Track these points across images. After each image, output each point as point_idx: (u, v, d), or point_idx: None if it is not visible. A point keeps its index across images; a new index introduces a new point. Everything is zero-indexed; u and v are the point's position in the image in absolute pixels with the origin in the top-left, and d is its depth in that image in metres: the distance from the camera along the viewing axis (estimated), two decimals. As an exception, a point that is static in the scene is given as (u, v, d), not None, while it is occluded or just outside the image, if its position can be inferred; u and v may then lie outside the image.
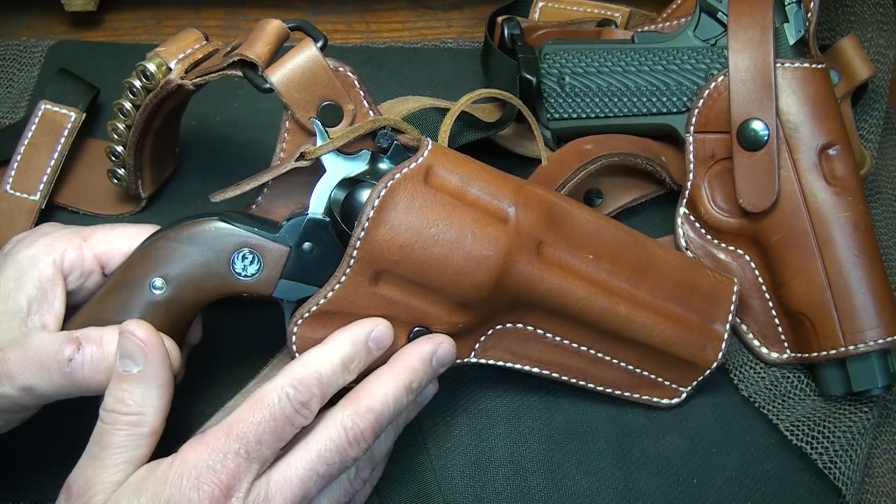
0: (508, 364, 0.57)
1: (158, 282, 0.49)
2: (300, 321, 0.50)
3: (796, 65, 0.61)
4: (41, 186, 0.64)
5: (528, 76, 0.65)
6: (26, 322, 0.48)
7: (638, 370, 0.59)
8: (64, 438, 0.56)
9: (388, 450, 0.54)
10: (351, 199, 0.51)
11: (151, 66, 0.55)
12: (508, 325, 0.56)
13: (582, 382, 0.59)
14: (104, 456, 0.45)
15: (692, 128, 0.64)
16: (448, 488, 0.58)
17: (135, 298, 0.49)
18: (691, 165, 0.64)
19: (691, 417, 0.61)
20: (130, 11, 0.78)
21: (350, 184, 0.51)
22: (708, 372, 0.59)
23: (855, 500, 0.58)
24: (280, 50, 0.54)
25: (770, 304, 0.63)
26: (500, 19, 0.70)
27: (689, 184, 0.65)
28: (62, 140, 0.65)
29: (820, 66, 0.61)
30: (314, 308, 0.50)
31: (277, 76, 0.52)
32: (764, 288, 0.63)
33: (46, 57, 0.74)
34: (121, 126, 0.59)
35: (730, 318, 0.59)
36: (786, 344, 0.63)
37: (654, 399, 0.60)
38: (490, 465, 0.59)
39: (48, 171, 0.64)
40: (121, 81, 0.57)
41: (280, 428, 0.46)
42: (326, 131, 0.52)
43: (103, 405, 0.46)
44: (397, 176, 0.50)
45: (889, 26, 0.70)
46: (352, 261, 0.49)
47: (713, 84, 0.62)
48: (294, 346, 0.51)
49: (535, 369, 0.57)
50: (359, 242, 0.49)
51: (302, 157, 0.51)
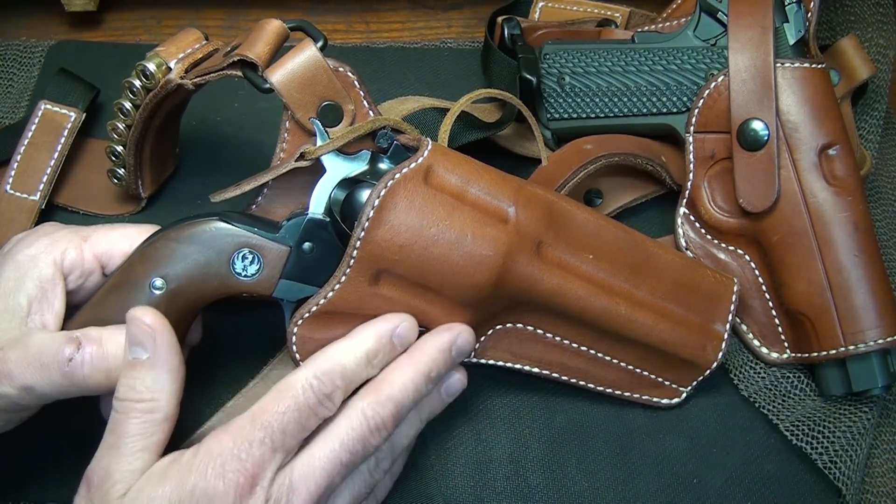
0: (508, 364, 0.57)
1: (158, 282, 0.49)
2: (300, 321, 0.50)
3: (796, 65, 0.61)
4: (41, 186, 0.64)
5: (528, 76, 0.65)
6: (26, 321, 0.48)
7: (638, 370, 0.59)
8: (64, 438, 0.56)
9: (409, 442, 0.54)
10: (351, 199, 0.51)
11: (151, 66, 0.56)
12: (508, 325, 0.56)
13: (582, 382, 0.59)
14: (121, 444, 0.45)
15: (692, 128, 0.64)
16: (448, 488, 0.58)
17: (135, 298, 0.49)
18: (691, 165, 0.64)
19: (691, 417, 0.61)
20: (130, 11, 0.78)
21: (350, 184, 0.51)
22: (708, 372, 0.59)
23: (855, 499, 0.58)
24: (280, 50, 0.54)
25: (770, 304, 0.63)
26: (500, 19, 0.70)
27: (689, 184, 0.65)
28: (62, 140, 0.65)
29: (820, 66, 0.61)
30: (314, 308, 0.50)
31: (277, 76, 0.52)
32: (764, 288, 0.63)
33: (46, 57, 0.74)
34: (121, 126, 0.59)
35: (730, 318, 0.59)
36: (786, 344, 0.63)
37: (655, 399, 0.60)
38: (490, 465, 0.59)
39: (48, 171, 0.64)
40: (121, 81, 0.57)
41: (304, 418, 0.46)
42: (326, 131, 0.52)
43: (116, 394, 0.46)
44: (397, 176, 0.50)
45: (889, 26, 0.70)
46: (352, 261, 0.49)
47: (713, 84, 0.62)
48: (294, 347, 0.51)
49: (535, 369, 0.57)
50: (359, 242, 0.49)
51: (302, 157, 0.51)
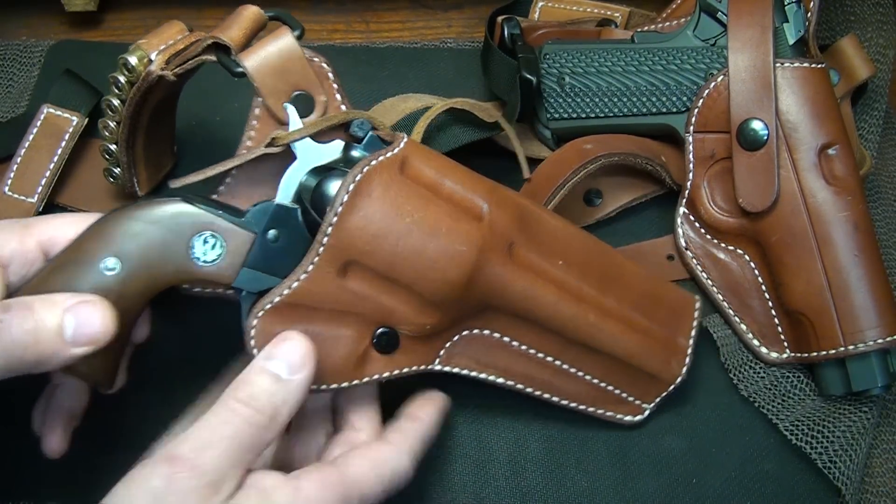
0: (473, 373, 0.55)
1: (111, 261, 0.45)
2: (261, 313, 0.47)
3: (796, 65, 0.61)
4: (39, 189, 0.63)
5: (528, 76, 0.65)
6: None
7: (602, 384, 0.58)
8: (64, 438, 0.56)
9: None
10: (322, 187, 0.49)
11: (133, 59, 0.54)
12: (475, 331, 0.54)
13: (546, 395, 0.57)
14: (216, 441, 0.43)
15: (692, 127, 0.64)
16: (448, 488, 0.58)
17: (83, 279, 0.45)
18: (691, 165, 0.64)
19: (691, 417, 0.61)
20: (130, 11, 0.78)
21: (321, 172, 0.50)
22: (672, 388, 0.59)
23: (854, 499, 0.58)
24: (255, 37, 0.52)
25: (770, 303, 0.63)
26: (500, 19, 0.70)
27: (688, 183, 0.65)
28: (63, 144, 0.64)
29: (820, 66, 0.61)
30: (277, 299, 0.47)
31: (251, 61, 0.50)
32: (763, 288, 0.63)
33: (46, 57, 0.74)
34: (111, 123, 0.58)
35: (693, 333, 0.59)
36: (785, 344, 0.63)
37: (618, 416, 0.59)
38: (490, 465, 0.59)
39: (47, 174, 0.64)
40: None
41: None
42: (300, 119, 0.51)
43: (235, 395, 0.45)
44: (374, 163, 0.48)
45: (889, 26, 0.70)
46: (321, 248, 0.47)
47: (713, 84, 0.62)
48: (252, 341, 0.47)
49: (500, 380, 0.55)
50: (330, 229, 0.47)
51: (272, 142, 0.49)
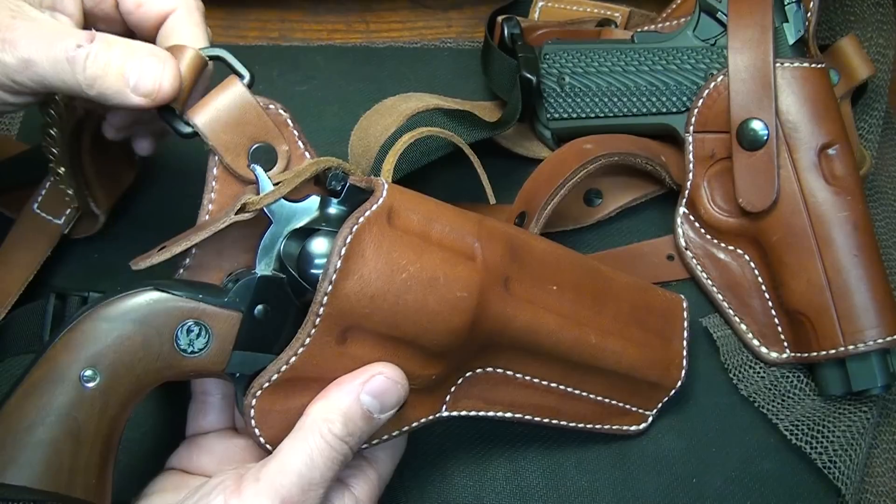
0: (481, 413, 0.53)
1: (89, 372, 0.42)
2: (259, 392, 0.45)
3: (796, 64, 0.61)
4: (68, 211, 0.60)
5: (528, 75, 0.65)
6: (39, 7, 0.46)
7: (607, 400, 0.57)
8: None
9: None
10: (308, 251, 0.46)
11: (57, 95, 0.50)
12: (479, 370, 0.52)
13: (554, 421, 0.56)
14: (318, 482, 0.44)
15: (692, 127, 0.64)
16: (448, 488, 0.58)
17: (62, 396, 0.41)
18: (691, 165, 0.64)
19: (690, 417, 0.61)
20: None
21: (302, 234, 0.46)
22: (673, 392, 0.59)
23: (854, 499, 0.58)
24: (200, 81, 0.48)
25: (769, 303, 0.63)
26: (499, 19, 0.70)
27: (688, 183, 0.65)
28: None
29: (819, 66, 0.61)
30: (275, 377, 0.45)
31: (202, 118, 0.46)
32: (763, 288, 0.63)
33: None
34: (54, 149, 0.54)
35: (685, 334, 0.59)
36: (785, 343, 0.63)
37: (624, 427, 0.59)
38: (490, 465, 0.59)
39: (50, 170, 0.62)
40: None
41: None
42: (268, 178, 0.46)
43: (333, 425, 0.44)
44: (361, 220, 0.45)
45: (889, 26, 0.69)
46: (317, 319, 0.44)
47: (713, 84, 0.62)
48: (253, 422, 0.45)
49: (508, 414, 0.54)
50: (325, 298, 0.44)
51: (244, 208, 0.45)
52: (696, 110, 0.63)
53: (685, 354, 0.59)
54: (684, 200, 0.65)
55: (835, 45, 0.69)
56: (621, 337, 0.56)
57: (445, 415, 0.52)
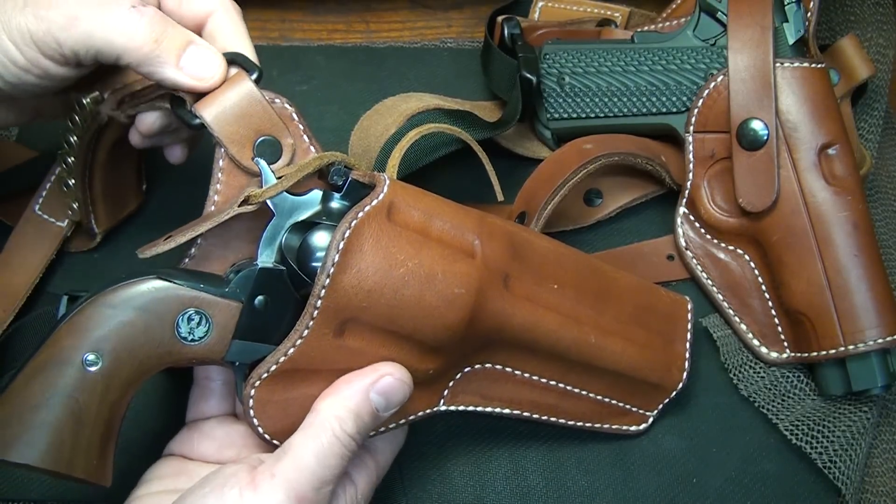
0: (479, 408, 0.53)
1: (92, 356, 0.43)
2: (258, 383, 0.46)
3: (796, 64, 0.61)
4: (70, 213, 0.60)
5: (528, 75, 0.65)
6: None
7: (607, 399, 0.57)
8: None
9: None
10: (308, 244, 0.47)
11: (85, 98, 0.51)
12: (477, 366, 0.53)
13: (553, 419, 0.56)
14: (329, 479, 0.44)
15: (692, 127, 0.64)
16: (448, 488, 0.58)
17: (65, 378, 0.43)
18: (691, 165, 0.64)
19: (691, 417, 0.61)
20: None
21: (303, 228, 0.47)
22: (674, 393, 0.59)
23: (854, 499, 0.58)
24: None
25: (770, 303, 0.63)
26: (500, 19, 0.70)
27: (688, 183, 0.65)
28: None
29: (819, 66, 0.61)
30: (273, 368, 0.46)
31: (209, 111, 0.47)
32: (763, 288, 0.63)
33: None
34: (69, 158, 0.55)
35: (688, 336, 0.59)
36: (785, 343, 0.63)
37: (624, 427, 0.59)
38: (490, 465, 0.59)
39: (59, 181, 0.60)
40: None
41: None
42: (272, 171, 0.47)
43: (344, 423, 0.44)
44: (360, 214, 0.46)
45: (889, 26, 0.69)
46: (315, 312, 0.45)
47: (713, 84, 0.62)
48: (252, 411, 0.46)
49: (507, 410, 0.54)
50: (323, 291, 0.45)
51: (247, 201, 0.46)
52: (696, 110, 0.63)
53: (687, 357, 0.59)
54: (684, 200, 0.65)
55: (835, 45, 0.69)
56: (622, 337, 0.56)
57: (443, 409, 0.52)
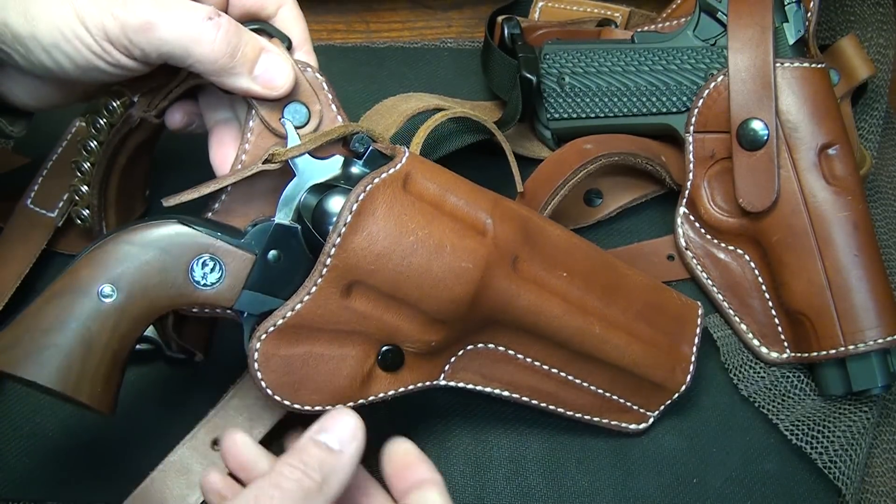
0: (478, 388, 0.54)
1: (107, 288, 0.45)
2: (264, 336, 0.47)
3: (796, 64, 0.61)
4: (60, 204, 0.62)
5: (528, 75, 0.65)
6: None
7: (608, 394, 0.58)
8: (64, 438, 0.56)
9: None
10: (323, 205, 0.48)
11: (115, 102, 0.52)
12: (480, 345, 0.53)
13: (552, 407, 0.57)
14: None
15: (692, 127, 0.64)
16: (448, 488, 0.58)
17: (80, 306, 0.44)
18: (691, 165, 0.64)
19: (691, 417, 0.61)
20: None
21: (322, 189, 0.48)
22: (676, 395, 0.59)
23: (855, 499, 0.58)
24: None
25: (770, 303, 0.63)
26: (500, 19, 0.70)
27: (688, 183, 0.65)
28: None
29: (820, 66, 0.61)
30: (280, 322, 0.47)
31: None
32: (764, 288, 0.63)
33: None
34: (85, 164, 0.55)
35: (696, 340, 0.59)
36: (785, 344, 0.63)
37: (623, 424, 0.59)
38: (490, 465, 0.59)
39: (71, 189, 0.60)
40: (86, 114, 0.54)
41: None
42: (298, 133, 0.49)
43: (288, 457, 0.42)
44: (376, 180, 0.47)
45: (889, 26, 0.70)
46: (324, 269, 0.46)
47: (713, 84, 0.62)
48: (256, 364, 0.47)
49: (506, 392, 0.55)
50: (333, 250, 0.46)
51: (270, 158, 0.48)
52: (696, 110, 0.63)
53: (693, 360, 0.59)
54: (684, 200, 0.65)
55: (835, 45, 0.69)
56: (627, 332, 0.56)
57: (443, 383, 0.53)
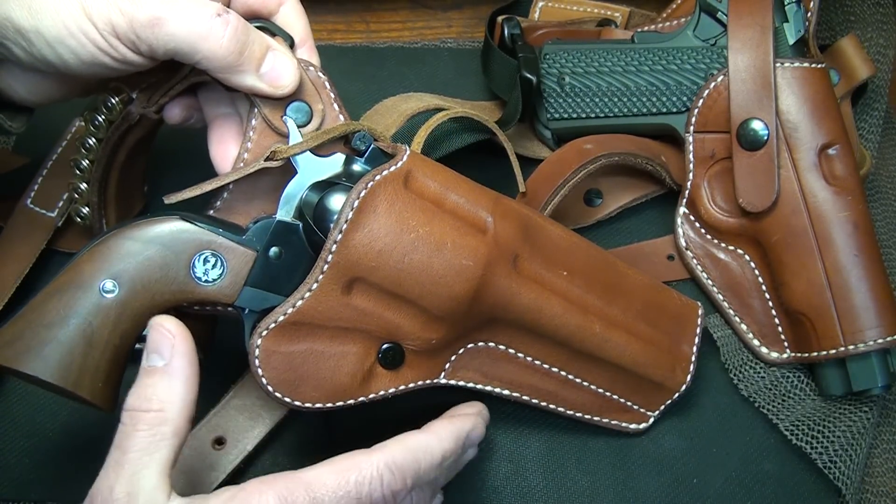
0: (479, 386, 0.54)
1: (109, 284, 0.45)
2: (265, 332, 0.47)
3: (796, 64, 0.61)
4: (60, 204, 0.62)
5: (528, 75, 0.65)
6: None
7: (608, 394, 0.58)
8: (64, 438, 0.56)
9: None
10: (325, 202, 0.48)
11: (113, 98, 0.52)
12: (480, 343, 0.53)
13: (552, 406, 0.57)
14: (125, 461, 0.42)
15: (692, 127, 0.64)
16: (448, 488, 0.58)
17: (82, 301, 0.44)
18: (691, 165, 0.64)
19: (691, 417, 0.61)
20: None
21: (323, 187, 0.49)
22: (677, 395, 0.59)
23: (854, 499, 0.58)
24: None
25: (770, 303, 0.63)
26: (500, 19, 0.70)
27: (688, 183, 0.65)
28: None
29: (820, 66, 0.61)
30: (281, 319, 0.47)
31: None
32: (764, 288, 0.63)
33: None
34: (84, 162, 0.55)
35: (696, 340, 0.59)
36: (786, 344, 0.63)
37: (623, 424, 0.59)
38: (490, 465, 0.59)
39: (70, 186, 0.60)
40: (83, 112, 0.55)
41: None
42: (300, 131, 0.50)
43: (126, 405, 0.43)
44: (378, 178, 0.47)
45: (889, 26, 0.70)
46: (325, 266, 0.47)
47: (713, 84, 0.62)
48: (257, 361, 0.47)
49: (506, 391, 0.55)
50: (335, 246, 0.46)
51: (272, 156, 0.48)
52: (696, 110, 0.63)
53: (693, 360, 0.59)
54: (684, 200, 0.65)
55: (835, 45, 0.69)
56: (627, 331, 0.56)
57: (443, 382, 0.53)
